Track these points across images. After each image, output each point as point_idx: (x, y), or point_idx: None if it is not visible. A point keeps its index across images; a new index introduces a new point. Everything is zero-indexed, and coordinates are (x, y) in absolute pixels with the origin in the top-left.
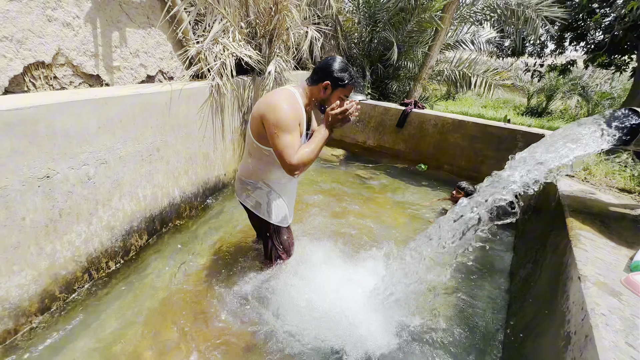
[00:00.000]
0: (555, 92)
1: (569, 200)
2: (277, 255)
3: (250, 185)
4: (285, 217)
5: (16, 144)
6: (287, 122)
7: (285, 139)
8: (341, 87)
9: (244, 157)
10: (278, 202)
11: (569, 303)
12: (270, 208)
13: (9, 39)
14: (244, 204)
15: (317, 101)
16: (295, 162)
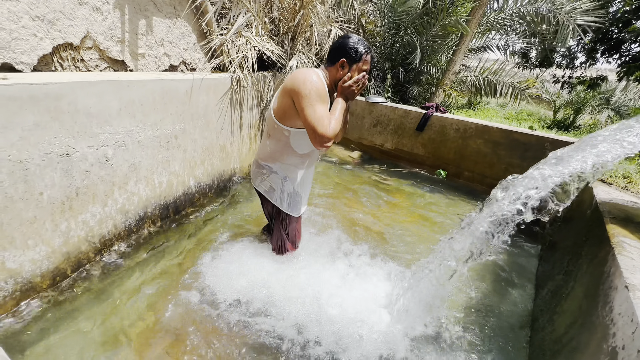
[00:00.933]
0: (584, 106)
1: (608, 208)
2: (283, 245)
3: (266, 169)
4: (297, 206)
5: (39, 118)
6: (319, 92)
7: (319, 110)
8: (357, 61)
9: (263, 139)
10: (292, 190)
11: (614, 314)
12: (284, 195)
13: (40, 19)
14: (258, 188)
15: (336, 83)
16: (331, 132)
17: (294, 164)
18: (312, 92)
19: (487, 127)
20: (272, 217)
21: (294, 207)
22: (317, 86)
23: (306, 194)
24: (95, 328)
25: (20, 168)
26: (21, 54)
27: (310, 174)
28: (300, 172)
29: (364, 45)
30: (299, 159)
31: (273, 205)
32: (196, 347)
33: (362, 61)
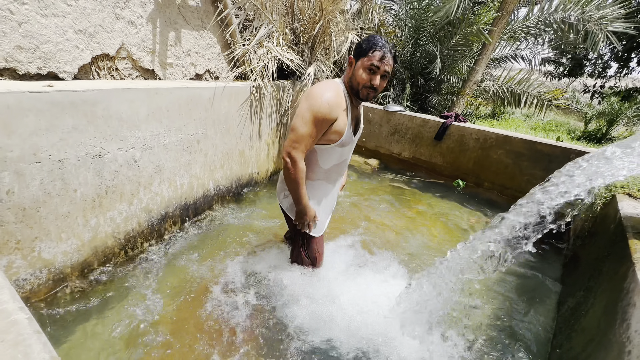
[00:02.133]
0: (618, 117)
1: (632, 222)
2: (300, 264)
3: (283, 194)
4: (318, 226)
5: (77, 122)
6: (312, 113)
7: (302, 129)
8: (362, 56)
9: None
10: (316, 210)
11: (630, 332)
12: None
13: (82, 32)
14: (281, 204)
15: (352, 84)
16: (291, 156)
17: (317, 178)
18: (310, 112)
19: (509, 137)
20: (293, 235)
21: (315, 226)
22: (318, 107)
23: (328, 212)
24: (117, 320)
25: (58, 167)
26: (64, 64)
27: (334, 191)
28: (324, 188)
29: (374, 42)
30: (324, 174)
31: (294, 223)
32: (212, 345)
33: (367, 56)
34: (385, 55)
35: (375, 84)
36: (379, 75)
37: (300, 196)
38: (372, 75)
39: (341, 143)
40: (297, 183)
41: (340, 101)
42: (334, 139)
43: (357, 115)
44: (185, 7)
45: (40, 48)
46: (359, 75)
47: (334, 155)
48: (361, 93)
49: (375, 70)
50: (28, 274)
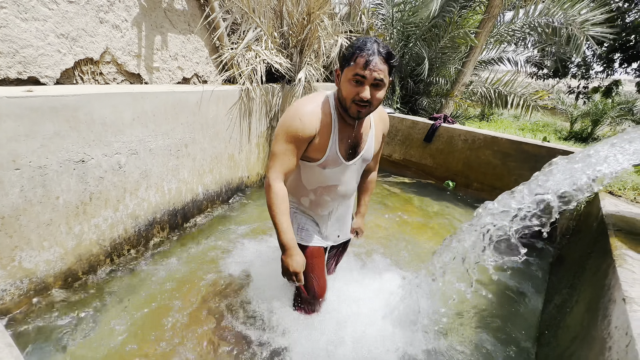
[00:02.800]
0: (602, 117)
1: (613, 220)
2: (297, 297)
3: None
4: (310, 235)
5: (58, 127)
6: (283, 129)
7: (275, 147)
8: (346, 65)
9: None
10: (304, 221)
11: (611, 328)
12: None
13: (65, 37)
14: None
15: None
16: (267, 178)
17: (305, 197)
18: (279, 126)
19: (496, 138)
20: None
21: (307, 236)
22: (290, 122)
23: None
24: (103, 330)
25: (39, 174)
26: (46, 69)
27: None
28: (313, 211)
29: (357, 46)
30: (311, 195)
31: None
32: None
33: (350, 66)
34: (371, 60)
35: (364, 97)
36: (367, 86)
37: (279, 229)
38: (358, 87)
39: (322, 164)
40: (271, 210)
41: (320, 116)
42: (314, 157)
43: (356, 136)
44: (172, 11)
45: (20, 52)
46: (345, 88)
47: (317, 175)
48: (350, 110)
49: (362, 80)
50: (8, 284)
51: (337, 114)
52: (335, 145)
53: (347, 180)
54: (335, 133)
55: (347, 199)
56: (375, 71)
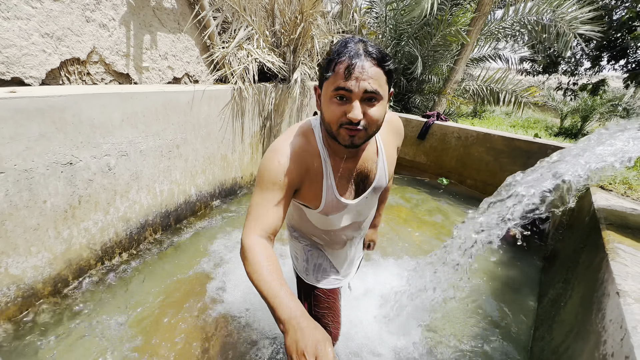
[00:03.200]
0: (591, 113)
1: (605, 214)
2: None
3: (288, 231)
4: (327, 276)
5: (44, 129)
6: (259, 174)
7: (252, 199)
8: (325, 79)
9: None
10: (319, 258)
11: (606, 322)
12: (310, 266)
13: (49, 36)
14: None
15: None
16: (244, 242)
17: (320, 237)
18: (258, 173)
19: (489, 135)
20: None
21: (323, 277)
22: (267, 166)
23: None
24: (94, 335)
25: (25, 177)
26: (30, 69)
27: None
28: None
29: (335, 51)
30: (323, 234)
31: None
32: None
33: (328, 79)
34: (355, 64)
35: (353, 118)
36: (356, 101)
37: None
38: (344, 105)
39: (323, 212)
40: (252, 278)
41: (304, 157)
42: (310, 205)
43: (361, 169)
44: (161, 10)
45: (2, 52)
46: (327, 110)
47: (323, 220)
48: (340, 137)
49: (347, 95)
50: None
51: (326, 148)
52: (332, 189)
53: (362, 214)
54: (329, 175)
55: (366, 228)
56: (364, 79)
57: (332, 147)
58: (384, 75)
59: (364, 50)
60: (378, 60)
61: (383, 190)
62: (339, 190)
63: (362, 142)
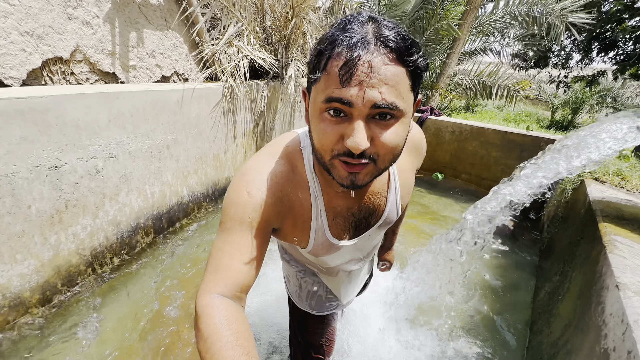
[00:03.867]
0: (582, 105)
1: (601, 206)
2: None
3: (279, 251)
4: (322, 303)
5: (26, 132)
6: (224, 209)
7: (214, 244)
8: (314, 81)
9: None
10: (314, 284)
11: (605, 315)
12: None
13: (29, 34)
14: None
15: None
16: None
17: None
18: (224, 209)
19: (482, 128)
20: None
21: (318, 305)
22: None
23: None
24: (87, 342)
25: (7, 182)
26: (10, 69)
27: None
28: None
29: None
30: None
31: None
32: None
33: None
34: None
35: (353, 146)
36: (359, 121)
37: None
38: (340, 124)
39: (312, 252)
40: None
41: (284, 187)
42: (297, 244)
43: (362, 208)
44: (147, 6)
45: None
46: (315, 130)
47: (314, 260)
48: (334, 172)
49: (345, 110)
50: None
51: (317, 178)
52: (324, 229)
53: (364, 250)
54: (320, 214)
55: (371, 258)
56: (373, 86)
57: (325, 177)
58: (407, 78)
59: (376, 35)
60: (398, 51)
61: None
62: (332, 230)
63: (369, 181)
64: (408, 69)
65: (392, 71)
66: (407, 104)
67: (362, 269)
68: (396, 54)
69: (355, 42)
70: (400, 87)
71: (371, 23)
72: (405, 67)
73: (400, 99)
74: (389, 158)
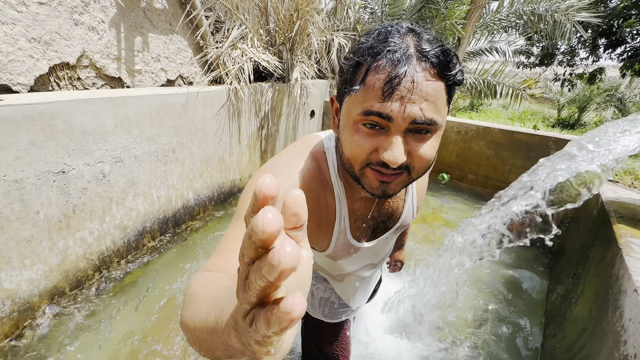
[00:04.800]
0: (588, 103)
1: (614, 207)
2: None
3: None
4: (335, 310)
5: (34, 137)
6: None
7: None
8: (349, 91)
9: None
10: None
11: (624, 320)
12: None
13: (37, 41)
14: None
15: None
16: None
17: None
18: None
19: (489, 128)
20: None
21: (331, 311)
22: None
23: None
24: (95, 347)
25: (16, 188)
26: (18, 75)
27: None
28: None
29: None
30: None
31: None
32: None
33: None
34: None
35: (391, 160)
36: (397, 135)
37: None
38: (377, 137)
39: (331, 255)
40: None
41: (315, 188)
42: (316, 247)
43: (383, 209)
44: (152, 10)
45: None
46: (348, 141)
47: (329, 264)
48: (365, 181)
49: (383, 124)
50: None
51: (342, 182)
52: (346, 232)
53: (379, 254)
54: (344, 217)
55: (382, 265)
56: (414, 102)
57: (348, 182)
58: (444, 92)
59: (417, 49)
60: (440, 66)
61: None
62: (353, 232)
63: (400, 190)
64: (447, 83)
65: (433, 87)
66: (443, 118)
67: (373, 275)
68: (437, 69)
69: (399, 58)
70: (438, 103)
71: (411, 35)
72: (444, 82)
73: (438, 114)
74: (422, 170)
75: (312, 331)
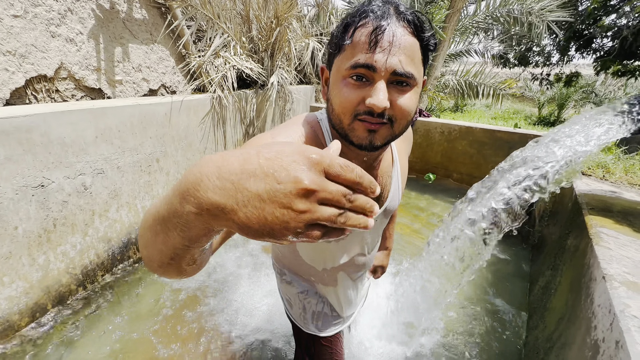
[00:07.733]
0: (567, 101)
1: (587, 199)
2: None
3: (278, 275)
4: (328, 322)
5: (10, 152)
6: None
7: None
8: (338, 52)
9: None
10: (318, 304)
11: (594, 307)
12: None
13: (12, 54)
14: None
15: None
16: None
17: (315, 276)
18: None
19: (471, 128)
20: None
21: (324, 324)
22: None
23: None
24: None
25: None
26: None
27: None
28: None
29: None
30: (319, 274)
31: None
32: None
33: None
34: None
35: (375, 104)
36: (381, 81)
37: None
38: (363, 88)
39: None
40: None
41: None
42: None
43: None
44: (131, 21)
45: None
46: (337, 95)
47: (318, 251)
48: (353, 133)
49: (368, 75)
50: None
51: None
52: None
53: (368, 243)
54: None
55: (371, 263)
56: (394, 54)
57: (342, 151)
58: (419, 51)
59: (396, 11)
60: (414, 26)
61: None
62: None
63: (385, 144)
64: (422, 42)
65: (409, 42)
66: (419, 75)
67: (363, 278)
68: (412, 27)
69: (381, 15)
70: (415, 58)
71: (391, 4)
72: (419, 41)
73: (415, 69)
74: (403, 123)
75: (306, 347)
